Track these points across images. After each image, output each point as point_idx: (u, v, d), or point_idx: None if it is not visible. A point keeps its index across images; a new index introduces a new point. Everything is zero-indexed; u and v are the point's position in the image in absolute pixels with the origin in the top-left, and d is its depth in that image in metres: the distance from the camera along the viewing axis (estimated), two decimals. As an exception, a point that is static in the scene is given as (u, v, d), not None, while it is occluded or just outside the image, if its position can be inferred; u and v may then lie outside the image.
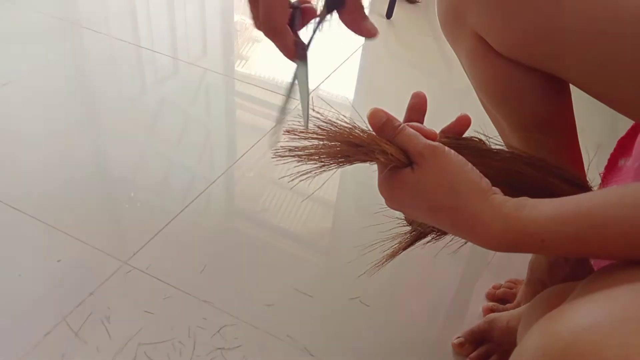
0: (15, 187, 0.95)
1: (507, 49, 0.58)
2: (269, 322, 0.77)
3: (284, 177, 1.05)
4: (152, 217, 0.92)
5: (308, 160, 0.44)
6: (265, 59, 1.41)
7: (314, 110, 0.46)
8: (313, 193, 1.00)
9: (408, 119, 0.49)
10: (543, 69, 0.57)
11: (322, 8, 0.47)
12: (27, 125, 1.10)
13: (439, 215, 0.43)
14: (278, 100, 1.25)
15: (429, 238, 0.53)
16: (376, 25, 0.51)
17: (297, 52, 0.47)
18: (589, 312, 0.34)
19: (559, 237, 0.39)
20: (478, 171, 0.43)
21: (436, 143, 0.43)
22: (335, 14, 0.48)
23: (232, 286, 0.82)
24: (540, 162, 0.51)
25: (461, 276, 0.87)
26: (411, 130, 0.44)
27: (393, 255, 0.54)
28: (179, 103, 1.22)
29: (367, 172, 0.53)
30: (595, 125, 1.18)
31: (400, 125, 0.44)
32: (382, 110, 0.45)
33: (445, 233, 0.51)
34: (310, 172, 0.45)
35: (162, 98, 1.24)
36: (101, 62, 1.33)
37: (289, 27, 0.46)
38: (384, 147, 0.43)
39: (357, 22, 0.48)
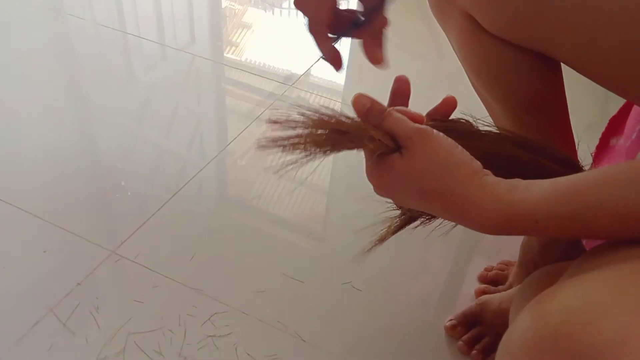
0: (0, 177, 0.93)
1: (497, 28, 0.57)
2: (260, 308, 0.76)
3: (272, 166, 1.05)
4: (141, 205, 0.91)
5: (293, 150, 0.43)
6: (254, 45, 1.39)
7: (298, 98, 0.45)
8: (306, 178, 0.99)
9: (392, 103, 0.47)
10: (534, 48, 0.56)
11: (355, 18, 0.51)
12: (12, 114, 1.08)
13: (430, 200, 0.42)
14: (268, 85, 1.24)
15: (418, 222, 0.52)
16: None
17: (331, 57, 0.51)
18: (581, 293, 0.34)
19: (552, 218, 0.39)
20: (468, 153, 0.42)
21: (424, 126, 0.42)
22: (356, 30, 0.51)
23: (222, 273, 0.81)
24: (530, 142, 0.50)
25: (453, 259, 0.87)
26: (398, 114, 0.43)
27: (382, 239, 0.53)
28: (167, 90, 1.20)
29: (358, 158, 0.52)
30: (586, 104, 1.17)
31: (385, 109, 0.43)
32: (366, 96, 0.44)
33: (434, 217, 0.51)
34: (296, 161, 0.44)
35: (150, 85, 1.22)
36: (87, 50, 1.31)
37: (327, 34, 0.49)
38: (371, 133, 0.42)
39: (372, 49, 0.49)
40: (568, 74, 0.60)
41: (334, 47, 0.50)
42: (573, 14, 0.50)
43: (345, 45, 1.42)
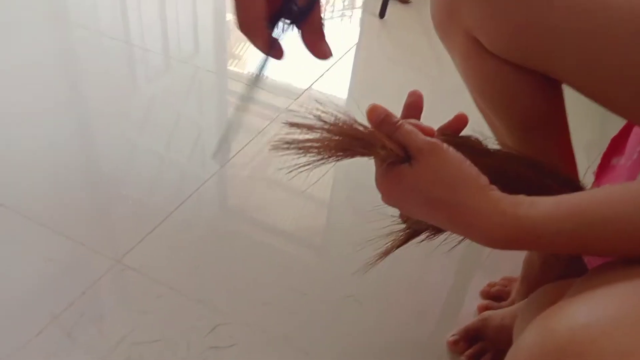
0: (5, 186, 0.94)
1: (499, 48, 0.58)
2: (263, 321, 0.77)
3: (282, 169, 1.05)
4: (144, 215, 0.91)
5: (307, 153, 0.44)
6: (257, 58, 1.40)
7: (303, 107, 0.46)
8: (306, 190, 1.00)
9: (405, 116, 0.49)
10: (536, 68, 0.57)
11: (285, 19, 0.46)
12: (15, 125, 1.09)
13: (436, 211, 0.43)
14: (271, 99, 1.25)
15: (423, 236, 0.53)
16: (369, 24, 0.52)
17: (270, 49, 0.46)
18: (587, 310, 0.34)
19: (556, 235, 0.39)
20: (476, 168, 0.43)
21: (435, 139, 0.44)
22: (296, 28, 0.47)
23: (225, 285, 0.81)
24: (537, 163, 0.51)
25: (455, 274, 0.87)
26: (410, 126, 0.44)
27: (386, 253, 0.54)
28: (170, 101, 1.21)
29: (361, 171, 0.52)
30: (587, 124, 1.19)
31: (398, 121, 0.44)
32: (381, 106, 0.45)
33: (439, 231, 0.52)
34: (308, 164, 0.45)
35: (153, 96, 1.23)
36: (91, 60, 1.32)
37: (263, 25, 0.45)
38: (383, 142, 0.43)
39: (315, 42, 0.47)
40: (568, 93, 0.61)
41: (273, 39, 0.46)
42: (575, 35, 0.51)
43: (347, 62, 1.44)
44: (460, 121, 0.49)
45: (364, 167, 0.47)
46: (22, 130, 1.07)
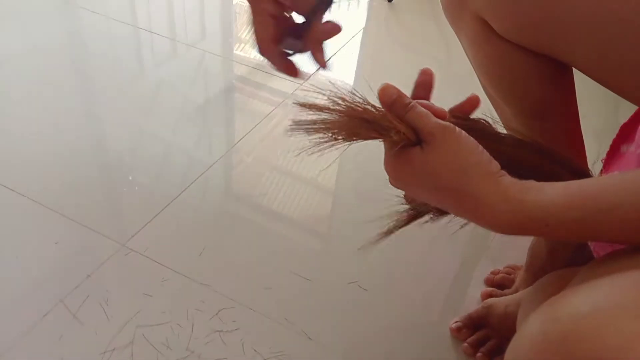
0: (13, 169, 0.94)
1: (510, 32, 0.57)
2: (267, 305, 0.77)
3: (289, 152, 1.05)
4: (150, 199, 0.92)
5: (318, 134, 0.44)
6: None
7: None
8: (317, 175, 1.00)
9: (416, 95, 0.48)
10: (546, 53, 0.56)
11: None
12: (23, 107, 1.09)
13: (444, 196, 0.43)
14: (277, 83, 1.24)
15: (426, 217, 0.53)
16: (378, 8, 0.52)
17: (285, 68, 0.52)
18: (591, 299, 0.34)
19: (563, 222, 0.39)
20: (488, 153, 0.43)
21: (447, 123, 0.43)
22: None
23: (230, 269, 0.82)
24: (546, 150, 0.51)
25: (460, 262, 0.87)
26: (422, 108, 0.43)
27: (388, 232, 0.54)
28: (177, 85, 1.21)
29: (367, 158, 0.52)
30: (597, 111, 1.17)
31: (410, 102, 0.43)
32: (393, 87, 0.44)
33: (443, 214, 0.51)
34: (319, 146, 0.44)
35: (160, 80, 1.22)
36: (98, 43, 1.31)
37: (275, 46, 0.50)
38: (394, 124, 0.43)
39: (314, 53, 0.51)
40: (578, 79, 0.60)
41: (286, 59, 0.52)
42: (586, 20, 0.50)
43: (354, 46, 1.42)
44: (473, 103, 0.49)
45: (371, 153, 0.46)
46: (30, 115, 1.07)
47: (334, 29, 0.50)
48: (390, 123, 0.42)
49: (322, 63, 0.51)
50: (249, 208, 0.94)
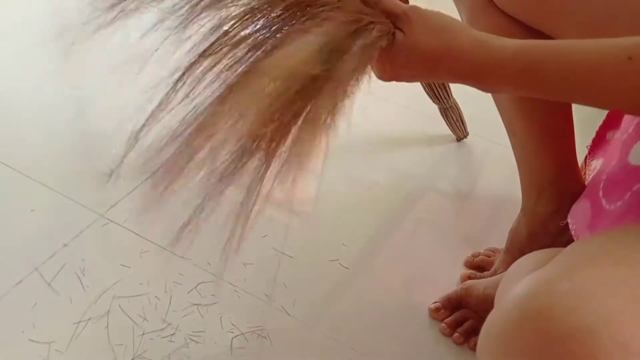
0: (-11, 134, 0.92)
1: (507, 5, 0.57)
2: (247, 280, 0.76)
3: None
4: (130, 170, 0.90)
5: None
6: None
7: None
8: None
9: None
10: (542, 30, 0.56)
11: None
12: (6, 75, 1.06)
13: (436, 64, 0.45)
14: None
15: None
16: None
17: None
18: (569, 277, 0.34)
19: (521, 66, 0.42)
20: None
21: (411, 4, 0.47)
22: None
23: (209, 244, 0.81)
24: None
25: (440, 244, 0.87)
26: None
27: None
28: (162, 59, 1.18)
29: (350, 135, 0.51)
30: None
31: None
32: None
33: None
34: None
35: (144, 49, 1.19)
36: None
37: None
38: (374, 18, 0.45)
39: None
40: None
41: None
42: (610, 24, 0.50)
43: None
44: None
45: (356, 134, 0.47)
46: (9, 81, 1.04)
47: None
48: (370, 18, 0.44)
49: None
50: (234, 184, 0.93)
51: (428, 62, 0.45)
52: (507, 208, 0.86)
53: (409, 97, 1.08)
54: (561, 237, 0.66)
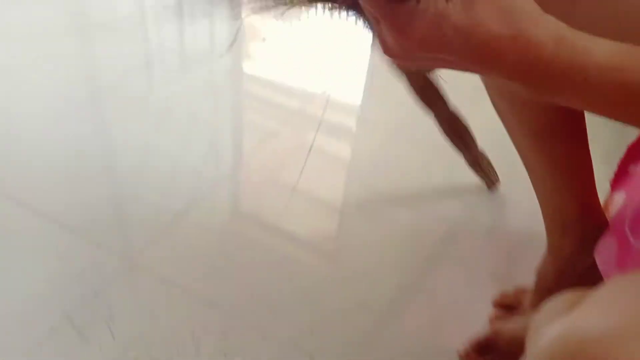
0: (20, 183, 0.95)
1: None
2: (271, 326, 0.76)
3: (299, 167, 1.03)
4: (157, 216, 0.92)
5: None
6: (272, 59, 1.41)
7: None
8: (325, 194, 1.00)
9: None
10: None
11: None
12: (32, 119, 1.10)
13: (499, 59, 0.33)
14: (285, 100, 1.25)
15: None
16: None
17: None
18: (601, 322, 0.34)
19: (604, 78, 0.33)
20: None
21: None
22: None
23: (237, 288, 0.81)
24: None
25: (466, 284, 0.86)
26: None
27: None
28: (185, 101, 1.22)
29: (374, 177, 0.52)
30: (604, 133, 1.17)
31: None
32: None
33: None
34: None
35: (169, 96, 1.24)
36: (109, 59, 1.33)
37: None
38: None
39: None
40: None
41: None
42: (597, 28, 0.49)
43: (363, 66, 1.44)
44: None
45: (378, 169, 0.46)
46: (39, 128, 1.08)
47: None
48: None
49: None
50: (255, 227, 0.94)
51: (487, 54, 0.33)
52: (533, 244, 0.85)
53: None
54: (590, 275, 0.65)
